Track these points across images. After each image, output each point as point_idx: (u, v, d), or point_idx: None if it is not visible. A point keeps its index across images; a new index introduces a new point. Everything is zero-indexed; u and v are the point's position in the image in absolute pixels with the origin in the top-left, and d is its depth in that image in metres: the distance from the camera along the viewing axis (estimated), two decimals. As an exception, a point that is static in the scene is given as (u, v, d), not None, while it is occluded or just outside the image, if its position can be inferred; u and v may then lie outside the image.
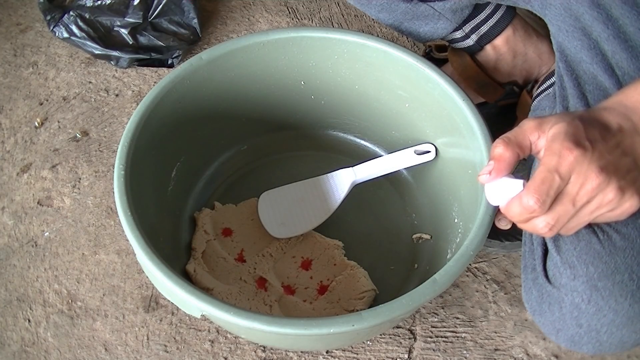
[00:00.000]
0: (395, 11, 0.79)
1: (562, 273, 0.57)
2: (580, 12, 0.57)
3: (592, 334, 0.56)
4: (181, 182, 0.79)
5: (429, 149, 0.79)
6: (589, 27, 0.57)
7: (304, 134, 0.89)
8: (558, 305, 0.58)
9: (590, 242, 0.55)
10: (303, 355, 0.75)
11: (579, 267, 0.55)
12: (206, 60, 0.74)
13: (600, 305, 0.54)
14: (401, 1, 0.78)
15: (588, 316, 0.55)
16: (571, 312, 0.56)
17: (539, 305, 0.60)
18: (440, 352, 0.76)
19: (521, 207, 0.48)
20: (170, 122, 0.74)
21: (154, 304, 0.80)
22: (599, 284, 0.54)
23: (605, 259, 0.54)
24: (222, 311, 0.55)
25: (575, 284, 0.56)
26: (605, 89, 0.57)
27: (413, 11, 0.79)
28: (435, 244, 0.78)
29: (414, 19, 0.80)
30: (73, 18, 1.02)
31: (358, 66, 0.79)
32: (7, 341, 0.77)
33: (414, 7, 0.78)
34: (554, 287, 0.58)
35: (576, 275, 0.55)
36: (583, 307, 0.55)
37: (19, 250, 0.85)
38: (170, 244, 0.74)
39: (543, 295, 0.59)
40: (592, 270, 0.55)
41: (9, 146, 0.96)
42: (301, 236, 0.79)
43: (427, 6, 0.78)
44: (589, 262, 0.55)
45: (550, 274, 0.59)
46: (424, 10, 0.79)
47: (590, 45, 0.57)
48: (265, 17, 1.13)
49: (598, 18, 0.56)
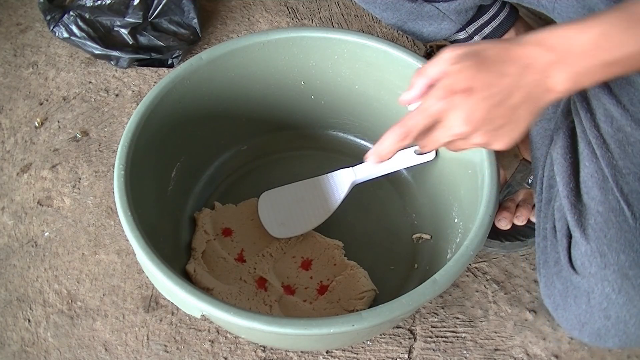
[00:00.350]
0: (399, 10, 0.79)
1: (591, 262, 0.55)
2: (594, 3, 0.57)
3: (620, 325, 0.55)
4: (181, 182, 0.79)
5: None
6: None
7: (304, 134, 0.89)
8: (586, 296, 0.57)
9: (621, 229, 0.54)
10: (303, 355, 0.75)
11: (610, 255, 0.54)
12: (206, 60, 0.74)
13: (631, 295, 0.54)
14: (406, 0, 0.78)
15: (618, 307, 0.55)
16: (600, 303, 0.56)
17: (563, 299, 0.59)
18: (440, 352, 0.76)
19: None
20: (170, 122, 0.74)
21: (154, 304, 0.80)
22: (630, 272, 0.53)
23: (637, 247, 0.54)
24: (222, 311, 0.55)
25: (605, 273, 0.55)
26: (628, 78, 0.55)
27: (418, 11, 0.79)
28: (435, 244, 0.78)
29: (418, 19, 0.80)
30: (73, 18, 1.02)
31: (358, 66, 0.79)
32: (7, 341, 0.77)
33: (418, 7, 0.78)
34: (582, 278, 0.57)
35: (607, 263, 0.54)
36: (613, 297, 0.54)
37: (19, 250, 0.85)
38: (170, 244, 0.74)
39: (568, 287, 0.58)
40: (624, 258, 0.54)
41: (9, 146, 0.96)
42: (301, 236, 0.79)
43: (432, 6, 0.78)
44: (620, 250, 0.54)
45: (577, 263, 0.57)
46: (429, 11, 0.78)
47: None
48: (265, 17, 1.13)
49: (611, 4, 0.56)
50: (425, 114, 0.53)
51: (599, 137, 0.57)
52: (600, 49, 0.49)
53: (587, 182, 0.58)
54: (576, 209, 0.58)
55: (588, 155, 0.58)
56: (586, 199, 0.58)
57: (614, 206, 0.55)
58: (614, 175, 0.56)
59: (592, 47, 0.49)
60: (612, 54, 0.49)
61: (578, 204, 0.58)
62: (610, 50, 0.49)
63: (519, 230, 0.80)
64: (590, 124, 0.57)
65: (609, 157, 0.56)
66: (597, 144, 0.57)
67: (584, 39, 0.49)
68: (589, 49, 0.49)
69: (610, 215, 0.55)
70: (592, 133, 0.57)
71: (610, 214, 0.55)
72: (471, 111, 0.52)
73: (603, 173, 0.56)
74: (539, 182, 0.67)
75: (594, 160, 0.57)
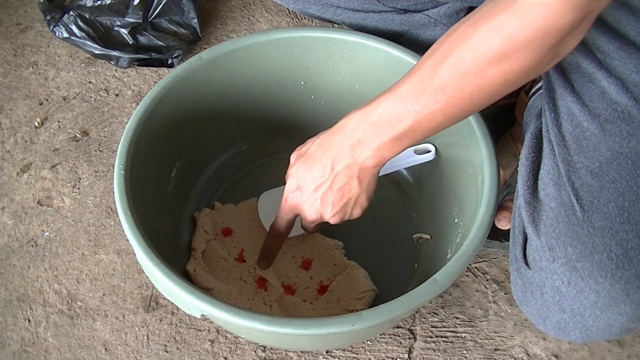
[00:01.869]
0: (391, 23, 0.80)
1: (541, 256, 0.57)
2: None
3: (577, 318, 0.56)
4: (181, 182, 0.79)
5: (429, 149, 0.79)
6: None
7: (304, 134, 0.89)
8: (540, 291, 0.58)
9: (569, 223, 0.55)
10: (303, 355, 0.75)
11: (558, 249, 0.55)
12: (206, 60, 0.74)
13: (580, 286, 0.54)
14: (395, 14, 0.79)
15: (569, 299, 0.55)
16: (553, 296, 0.56)
17: (524, 295, 0.60)
18: (440, 352, 0.76)
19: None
20: (170, 122, 0.74)
21: (154, 304, 0.80)
22: (577, 264, 0.54)
23: (584, 239, 0.54)
24: (222, 311, 0.55)
25: (554, 267, 0.56)
26: (590, 75, 0.58)
27: (409, 22, 0.79)
28: (435, 244, 0.78)
29: (411, 29, 0.80)
30: (73, 18, 1.02)
31: (358, 66, 0.79)
32: (7, 341, 0.77)
33: (409, 17, 0.79)
34: (534, 272, 0.58)
35: (555, 257, 0.56)
36: (564, 290, 0.55)
37: (19, 250, 0.85)
38: (170, 244, 0.74)
39: (526, 283, 0.59)
40: (571, 251, 0.55)
41: (9, 146, 0.96)
42: (301, 236, 0.79)
43: (422, 15, 0.79)
44: (567, 243, 0.55)
45: (530, 259, 0.59)
46: (420, 19, 0.79)
47: None
48: (265, 17, 1.13)
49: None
50: (282, 214, 0.68)
51: (559, 135, 0.59)
52: (384, 127, 0.56)
53: (544, 179, 0.60)
54: (531, 206, 0.59)
55: (548, 154, 0.60)
56: (542, 196, 0.59)
57: (565, 201, 0.57)
58: (567, 171, 0.57)
59: (377, 127, 0.57)
60: (395, 129, 0.56)
61: (533, 201, 0.60)
62: (392, 126, 0.56)
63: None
64: (553, 123, 0.60)
65: (565, 153, 0.58)
66: (557, 142, 0.59)
67: (370, 121, 0.57)
68: (376, 129, 0.57)
69: (561, 210, 0.57)
70: (554, 132, 0.60)
71: (561, 209, 0.57)
72: (309, 203, 0.63)
73: (559, 170, 0.58)
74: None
75: (552, 157, 0.59)
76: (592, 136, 0.57)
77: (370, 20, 0.80)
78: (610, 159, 0.56)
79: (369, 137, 0.57)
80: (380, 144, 0.57)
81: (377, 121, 0.56)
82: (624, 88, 0.55)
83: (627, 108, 0.55)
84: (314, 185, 0.62)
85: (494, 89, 0.51)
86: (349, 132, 0.59)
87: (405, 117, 0.55)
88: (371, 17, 0.80)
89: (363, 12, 0.80)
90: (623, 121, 0.56)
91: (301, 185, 0.63)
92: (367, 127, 0.57)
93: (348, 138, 0.59)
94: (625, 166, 0.55)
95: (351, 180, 0.61)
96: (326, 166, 0.61)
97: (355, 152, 0.59)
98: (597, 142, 0.57)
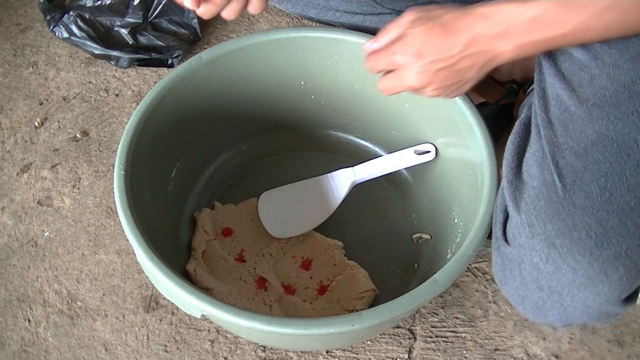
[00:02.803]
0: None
1: (520, 233, 0.57)
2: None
3: (555, 297, 0.56)
4: (181, 182, 0.79)
5: (429, 149, 0.79)
6: None
7: (304, 134, 0.89)
8: (518, 267, 0.58)
9: (550, 200, 0.56)
10: (303, 355, 0.75)
11: (537, 225, 0.56)
12: (206, 60, 0.74)
13: (558, 263, 0.54)
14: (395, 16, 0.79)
15: (547, 276, 0.55)
16: (531, 273, 0.56)
17: (503, 274, 0.60)
18: (440, 352, 0.76)
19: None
20: (170, 122, 0.74)
21: (154, 304, 0.80)
22: (556, 241, 0.54)
23: (564, 217, 0.55)
24: (222, 311, 0.55)
25: (533, 242, 0.56)
26: (580, 62, 0.59)
27: None
28: (435, 244, 0.78)
29: None
30: (73, 18, 1.02)
31: (358, 66, 0.79)
32: (7, 341, 0.78)
33: None
34: (512, 248, 0.58)
35: (534, 233, 0.56)
36: (542, 267, 0.55)
37: (19, 250, 0.85)
38: (170, 244, 0.74)
39: (505, 261, 0.59)
40: (550, 227, 0.55)
41: (9, 146, 0.96)
42: (301, 236, 0.79)
43: None
44: (547, 220, 0.55)
45: (509, 235, 0.59)
46: None
47: None
48: (265, 17, 1.13)
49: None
50: (386, 60, 0.62)
51: (546, 119, 0.61)
52: (538, 27, 0.55)
53: (528, 161, 0.60)
54: (513, 185, 0.60)
55: (534, 137, 0.61)
56: (525, 177, 0.60)
57: (548, 180, 0.57)
58: (552, 152, 0.58)
59: (531, 25, 0.55)
60: (548, 32, 0.55)
61: (516, 181, 0.60)
62: (547, 29, 0.54)
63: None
64: (541, 109, 0.61)
65: (551, 135, 0.59)
66: (543, 125, 0.60)
67: (523, 18, 0.55)
68: (528, 27, 0.55)
69: (542, 188, 0.57)
70: (541, 117, 0.61)
71: (542, 187, 0.57)
72: (420, 71, 0.60)
73: (543, 151, 0.59)
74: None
75: (538, 140, 0.60)
76: (579, 120, 0.58)
77: (369, 22, 0.81)
78: (595, 141, 0.57)
79: (517, 33, 0.56)
80: (526, 42, 0.56)
81: (532, 20, 0.54)
82: (616, 76, 0.57)
83: (616, 94, 0.57)
84: (436, 57, 0.59)
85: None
86: (495, 21, 0.56)
87: (565, 23, 0.54)
88: (370, 20, 0.80)
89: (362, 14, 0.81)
90: (611, 106, 0.57)
91: (421, 51, 0.59)
92: (518, 23, 0.55)
93: (492, 27, 0.56)
94: (610, 149, 0.56)
95: (473, 66, 0.59)
96: (458, 44, 0.58)
97: (495, 42, 0.57)
98: (583, 125, 0.58)
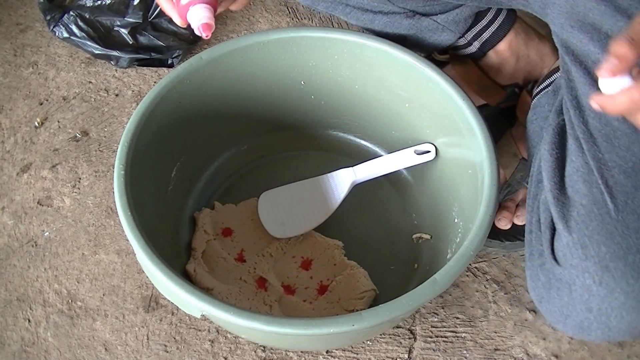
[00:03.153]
0: (399, 27, 0.80)
1: (573, 253, 0.56)
2: (588, 8, 0.57)
3: (602, 318, 0.55)
4: (181, 182, 0.79)
5: (429, 149, 0.79)
6: (599, 22, 0.57)
7: (304, 134, 0.89)
8: (568, 288, 0.57)
9: (603, 221, 0.55)
10: (303, 355, 0.75)
11: (591, 247, 0.55)
12: (206, 60, 0.74)
13: (611, 286, 0.54)
14: (404, 18, 0.79)
15: (599, 299, 0.55)
16: (582, 295, 0.56)
17: (546, 292, 0.59)
18: (440, 352, 0.76)
19: (630, 99, 0.45)
20: (170, 122, 0.74)
21: (154, 304, 0.80)
22: (610, 264, 0.54)
23: (618, 239, 0.54)
24: (222, 311, 0.55)
25: (586, 265, 0.55)
26: None
27: (417, 26, 0.79)
28: (435, 244, 0.78)
29: (417, 33, 0.80)
30: (73, 18, 1.02)
31: (358, 66, 0.79)
32: (7, 341, 0.77)
33: (417, 22, 0.79)
34: (564, 269, 0.57)
35: (588, 255, 0.55)
36: (594, 289, 0.55)
37: (19, 250, 0.85)
38: (170, 244, 0.74)
39: (551, 279, 0.58)
40: (604, 250, 0.54)
41: (9, 146, 0.96)
42: (301, 236, 0.79)
43: (430, 20, 0.79)
44: (601, 242, 0.54)
45: (559, 255, 0.58)
46: (428, 25, 0.79)
47: (599, 38, 0.57)
48: (265, 17, 1.13)
49: (606, 12, 0.56)
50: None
51: (587, 132, 0.58)
52: None
53: (572, 176, 0.58)
54: (560, 202, 0.58)
55: (575, 150, 0.59)
56: (570, 192, 0.58)
57: (598, 198, 0.56)
58: (599, 168, 0.57)
59: None
60: None
61: (562, 197, 0.59)
62: None
63: (519, 230, 0.80)
64: (579, 120, 0.59)
65: (595, 150, 0.57)
66: (585, 139, 0.58)
67: None
68: None
69: (593, 207, 0.56)
70: (580, 128, 0.58)
71: (593, 207, 0.56)
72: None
73: (588, 166, 0.57)
74: (530, 178, 0.68)
75: (580, 154, 0.58)
76: (624, 135, 0.56)
77: (378, 22, 0.80)
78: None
79: None
80: None
81: None
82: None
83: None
84: None
85: None
86: None
87: None
88: (379, 19, 0.80)
89: (372, 12, 0.80)
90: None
91: None
92: None
93: None
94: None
95: None
96: None
97: None
98: (629, 142, 0.56)
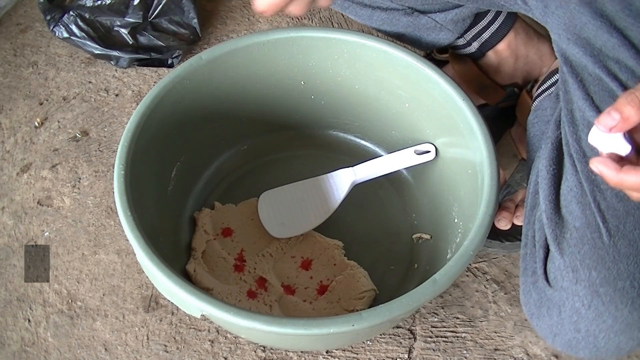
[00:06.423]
0: (396, 25, 0.80)
1: (564, 276, 0.56)
2: (583, 22, 0.57)
3: (590, 339, 0.56)
4: (181, 182, 0.79)
5: (429, 149, 0.79)
6: (593, 37, 0.56)
7: (304, 134, 0.89)
8: (557, 309, 0.57)
9: (595, 246, 0.55)
10: (303, 355, 0.75)
11: (582, 271, 0.55)
12: (206, 60, 0.74)
13: (600, 310, 0.54)
14: (402, 15, 0.79)
15: (587, 321, 0.55)
16: (570, 316, 0.56)
17: (537, 309, 0.60)
18: (440, 352, 0.76)
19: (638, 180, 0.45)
20: (170, 122, 0.74)
21: (154, 304, 0.80)
22: (600, 289, 0.54)
23: (609, 264, 0.54)
24: (222, 311, 0.55)
25: (576, 288, 0.55)
26: (611, 91, 0.56)
27: (415, 24, 0.79)
28: (435, 244, 0.78)
29: (415, 31, 0.80)
30: (73, 18, 1.02)
31: (358, 66, 0.79)
32: (7, 341, 0.78)
33: (415, 20, 0.79)
34: (554, 291, 0.58)
35: (578, 279, 0.55)
36: (583, 312, 0.55)
37: (19, 250, 0.85)
38: (170, 244, 0.74)
39: (542, 298, 0.59)
40: (595, 275, 0.54)
41: (9, 146, 0.96)
42: (301, 236, 0.79)
43: (429, 18, 0.79)
44: (592, 266, 0.55)
45: (551, 276, 0.58)
46: (426, 23, 0.79)
47: (593, 53, 0.56)
48: (265, 17, 1.13)
49: (602, 28, 0.55)
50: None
51: (580, 151, 0.57)
52: None
53: (566, 196, 0.58)
54: (554, 223, 0.58)
55: (570, 169, 0.58)
56: (565, 213, 0.58)
57: (591, 222, 0.56)
58: (592, 191, 0.56)
59: None
60: None
61: (556, 217, 0.58)
62: None
63: (518, 230, 0.80)
64: (573, 137, 0.58)
65: (588, 171, 0.56)
66: (578, 158, 0.57)
67: None
68: None
69: (586, 231, 0.56)
70: (574, 147, 0.57)
71: (586, 230, 0.56)
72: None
73: (582, 187, 0.56)
74: (527, 188, 0.67)
75: (574, 173, 0.57)
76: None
77: (376, 18, 0.80)
78: None
79: None
80: None
81: None
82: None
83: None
84: None
85: None
86: None
87: None
88: (377, 15, 0.80)
89: (370, 7, 0.80)
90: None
91: None
92: None
93: None
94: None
95: None
96: None
97: None
98: None
